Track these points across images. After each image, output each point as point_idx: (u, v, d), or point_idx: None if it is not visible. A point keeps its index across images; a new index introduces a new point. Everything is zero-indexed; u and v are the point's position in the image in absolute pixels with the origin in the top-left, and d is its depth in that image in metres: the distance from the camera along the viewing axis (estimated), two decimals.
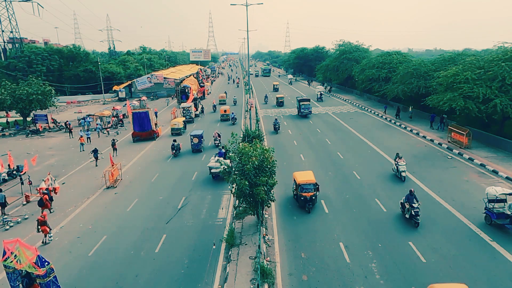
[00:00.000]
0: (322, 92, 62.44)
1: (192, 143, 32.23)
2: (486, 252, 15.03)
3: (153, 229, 18.46)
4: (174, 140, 32.13)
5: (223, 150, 25.05)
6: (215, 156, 25.80)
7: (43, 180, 23.04)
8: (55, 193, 22.89)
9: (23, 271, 12.49)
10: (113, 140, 33.64)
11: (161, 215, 19.93)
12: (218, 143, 32.85)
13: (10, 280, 12.47)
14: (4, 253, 12.27)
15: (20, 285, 12.61)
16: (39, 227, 17.85)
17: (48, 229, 17.95)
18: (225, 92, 67.73)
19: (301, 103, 46.51)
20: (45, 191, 21.74)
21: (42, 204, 21.05)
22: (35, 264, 11.83)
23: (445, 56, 42.66)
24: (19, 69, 71.41)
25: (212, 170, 24.24)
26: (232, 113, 45.92)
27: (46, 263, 12.09)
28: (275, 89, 74.89)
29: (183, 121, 41.30)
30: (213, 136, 34.25)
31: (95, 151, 30.09)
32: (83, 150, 34.63)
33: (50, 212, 21.12)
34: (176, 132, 38.72)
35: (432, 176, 23.71)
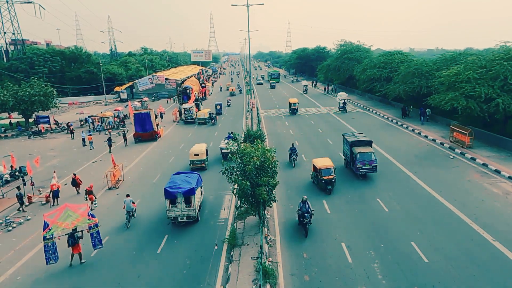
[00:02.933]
0: (345, 101, 50.33)
1: (216, 108, 51.22)
2: (489, 251, 14.98)
3: (155, 230, 18.48)
4: (211, 113, 46.99)
5: (232, 135, 29.91)
6: (224, 139, 30.79)
7: (53, 177, 23.95)
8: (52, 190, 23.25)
9: (68, 234, 15.36)
10: (124, 131, 38.65)
11: (163, 216, 19.92)
12: (229, 104, 59.91)
13: (46, 251, 14.70)
14: (46, 226, 14.68)
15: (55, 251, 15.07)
16: (87, 195, 21.67)
17: (94, 198, 21.77)
18: (231, 79, 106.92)
19: (356, 149, 23.57)
20: (56, 189, 22.63)
21: (75, 183, 24.02)
22: (89, 216, 15.62)
23: (446, 55, 42.56)
24: (21, 70, 71.66)
25: (223, 151, 28.52)
26: (239, 86, 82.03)
27: (94, 216, 15.98)
28: (293, 111, 49.16)
29: (208, 112, 47.26)
30: (227, 100, 61.61)
31: (109, 139, 34.65)
32: (92, 148, 36.02)
33: (51, 206, 21.32)
34: (202, 121, 45.81)
35: (434, 175, 23.65)
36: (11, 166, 28.37)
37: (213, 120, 45.86)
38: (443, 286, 13.03)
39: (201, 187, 20.64)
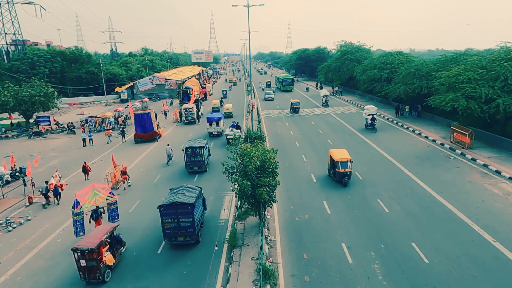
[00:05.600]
0: (374, 116, 38.54)
1: (223, 93, 69.60)
2: (489, 252, 14.97)
3: (155, 231, 18.46)
4: (223, 96, 67.48)
5: (235, 123, 36.81)
6: (229, 127, 36.20)
7: (52, 176, 24.17)
8: (61, 189, 23.54)
9: (93, 210, 17.86)
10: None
11: None
12: (231, 88, 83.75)
13: (76, 226, 16.73)
14: (77, 204, 16.57)
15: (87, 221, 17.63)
16: (122, 176, 24.65)
17: (127, 177, 24.78)
18: (233, 74, 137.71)
19: None
20: (55, 188, 22.77)
21: (85, 170, 26.51)
22: (110, 194, 18.01)
23: (447, 56, 42.55)
24: (22, 71, 71.72)
25: (228, 137, 33.35)
26: (239, 78, 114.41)
27: (114, 195, 18.42)
28: (341, 178, 22.61)
29: (219, 100, 58.00)
30: (229, 86, 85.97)
31: (122, 131, 39.21)
32: (110, 142, 38.59)
33: (55, 204, 21.57)
34: (216, 109, 51.36)
35: (435, 176, 23.63)
36: (11, 167, 28.39)
37: (221, 103, 58.08)
38: (444, 287, 13.02)
39: (223, 120, 39.20)
